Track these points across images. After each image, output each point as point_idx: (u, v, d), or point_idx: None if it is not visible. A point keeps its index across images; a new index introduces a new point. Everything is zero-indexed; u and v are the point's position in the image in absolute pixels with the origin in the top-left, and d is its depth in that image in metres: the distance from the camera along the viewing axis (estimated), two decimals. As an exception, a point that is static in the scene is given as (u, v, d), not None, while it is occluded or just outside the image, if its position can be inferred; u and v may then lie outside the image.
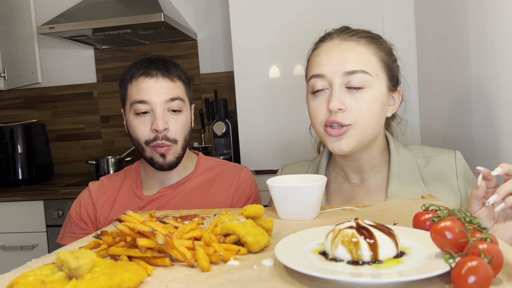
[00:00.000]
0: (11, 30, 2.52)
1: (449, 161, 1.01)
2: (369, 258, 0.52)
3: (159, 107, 1.11)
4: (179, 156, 1.16)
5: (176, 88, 1.15)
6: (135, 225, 0.58)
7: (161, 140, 1.12)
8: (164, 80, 1.13)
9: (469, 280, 0.42)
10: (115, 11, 2.15)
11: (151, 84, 1.12)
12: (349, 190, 1.06)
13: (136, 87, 1.13)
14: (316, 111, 0.97)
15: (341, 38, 0.98)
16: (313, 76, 0.97)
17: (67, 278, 0.49)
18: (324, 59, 0.97)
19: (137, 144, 1.16)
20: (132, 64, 1.18)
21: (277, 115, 1.96)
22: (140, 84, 1.12)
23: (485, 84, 1.17)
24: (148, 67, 1.14)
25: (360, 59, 0.95)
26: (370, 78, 0.94)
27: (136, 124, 1.13)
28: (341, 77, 0.94)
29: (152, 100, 1.11)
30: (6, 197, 2.15)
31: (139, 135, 1.13)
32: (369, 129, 0.96)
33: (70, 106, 2.73)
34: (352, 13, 1.86)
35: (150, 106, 1.12)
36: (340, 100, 0.93)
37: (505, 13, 1.04)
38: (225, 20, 2.50)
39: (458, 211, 0.57)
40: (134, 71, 1.14)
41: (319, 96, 0.97)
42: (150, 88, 1.11)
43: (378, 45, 0.99)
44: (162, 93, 1.12)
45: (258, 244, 0.61)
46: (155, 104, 1.11)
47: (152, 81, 1.12)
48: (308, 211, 0.79)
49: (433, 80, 1.70)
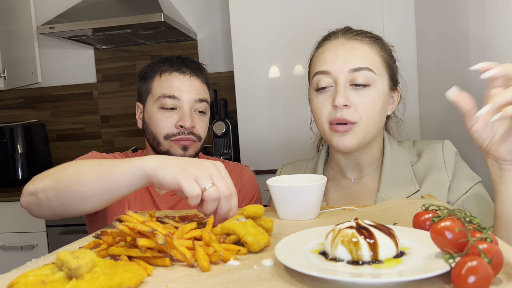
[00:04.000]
0: (11, 30, 2.52)
1: (437, 150, 1.02)
2: (369, 258, 0.52)
3: (188, 105, 1.12)
4: (196, 153, 1.17)
5: (204, 91, 1.17)
6: (135, 225, 0.58)
7: (187, 135, 1.12)
8: (196, 80, 1.15)
9: (469, 280, 0.42)
10: (115, 11, 2.14)
11: (184, 82, 1.13)
12: (347, 187, 1.07)
13: (167, 82, 1.13)
14: (320, 107, 0.98)
15: (346, 37, 1.00)
16: (318, 72, 0.98)
17: (67, 278, 0.49)
18: (330, 56, 0.98)
19: (153, 138, 1.15)
20: (161, 59, 1.18)
21: (277, 115, 1.96)
22: (172, 79, 1.13)
23: (485, 84, 1.16)
24: (183, 65, 1.15)
25: (365, 57, 0.96)
26: (374, 76, 0.96)
27: (160, 118, 1.12)
28: (346, 74, 0.95)
29: (182, 97, 1.12)
30: (6, 197, 2.15)
31: (160, 129, 1.12)
32: (372, 126, 0.97)
33: (70, 106, 2.73)
34: (353, 13, 1.86)
35: (179, 103, 1.12)
36: (345, 96, 0.94)
37: (505, 13, 1.04)
38: (225, 20, 2.50)
39: (458, 211, 0.57)
40: (166, 66, 1.14)
41: (323, 93, 0.98)
42: (182, 85, 1.12)
43: (380, 45, 1.01)
44: (193, 92, 1.13)
45: (258, 244, 0.61)
46: (184, 101, 1.12)
47: (185, 78, 1.13)
48: (308, 211, 0.79)
49: (433, 80, 1.70)
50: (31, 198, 0.84)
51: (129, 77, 2.65)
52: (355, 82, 0.95)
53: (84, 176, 0.78)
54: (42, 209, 0.84)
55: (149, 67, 1.18)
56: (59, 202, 0.81)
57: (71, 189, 0.79)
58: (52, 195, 0.81)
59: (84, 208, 0.81)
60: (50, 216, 0.86)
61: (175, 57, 1.18)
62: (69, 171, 0.81)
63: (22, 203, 0.86)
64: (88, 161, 0.82)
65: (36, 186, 0.83)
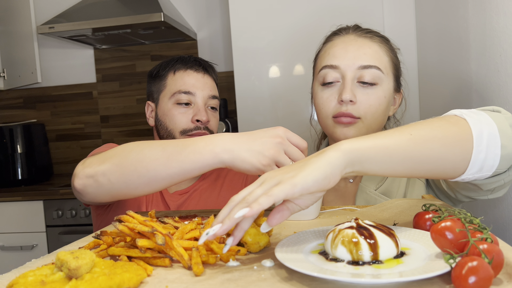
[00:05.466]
0: (11, 30, 2.51)
1: None
2: (369, 258, 0.52)
3: (202, 101, 1.17)
4: None
5: (215, 88, 1.23)
6: (135, 225, 0.58)
7: (202, 130, 1.15)
8: (209, 77, 1.20)
9: (470, 280, 0.42)
10: (115, 11, 2.14)
11: (198, 78, 1.18)
12: (343, 187, 1.07)
13: (181, 79, 1.17)
14: (326, 102, 0.98)
15: (357, 34, 1.00)
16: (326, 66, 0.98)
17: (66, 278, 0.49)
18: (339, 51, 0.98)
19: (168, 134, 1.17)
20: (173, 58, 1.23)
21: (277, 115, 1.95)
22: (187, 76, 1.17)
23: (485, 84, 1.16)
24: (197, 63, 1.20)
25: (374, 55, 0.97)
26: (382, 75, 0.97)
27: (176, 114, 1.16)
28: (354, 71, 0.96)
29: (197, 93, 1.16)
30: (5, 197, 2.15)
31: (178, 124, 1.15)
32: (375, 124, 0.98)
33: (70, 106, 2.72)
34: (353, 13, 1.86)
35: (194, 99, 1.16)
36: (352, 92, 0.95)
37: (505, 12, 1.03)
38: (225, 20, 2.50)
39: (459, 211, 0.57)
40: (180, 65, 1.19)
41: (329, 88, 0.98)
42: (196, 82, 1.17)
43: (389, 46, 1.02)
44: (206, 88, 1.18)
45: (258, 245, 0.61)
46: (199, 97, 1.16)
47: (199, 76, 1.18)
48: (308, 211, 0.79)
49: (433, 80, 1.70)
50: (89, 181, 0.83)
51: (129, 77, 2.65)
52: (362, 79, 0.95)
53: (150, 162, 0.78)
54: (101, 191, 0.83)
55: (161, 66, 1.22)
56: (124, 185, 0.81)
57: (138, 174, 0.79)
58: (115, 179, 0.80)
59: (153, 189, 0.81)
60: (108, 198, 0.86)
61: (187, 56, 1.23)
62: (131, 155, 0.80)
63: (78, 185, 0.84)
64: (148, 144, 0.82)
65: (95, 169, 0.82)
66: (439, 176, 0.66)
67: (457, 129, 0.63)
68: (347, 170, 0.58)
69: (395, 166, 0.60)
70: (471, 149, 0.63)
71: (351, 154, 0.57)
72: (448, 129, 0.63)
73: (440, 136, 0.62)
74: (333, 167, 0.55)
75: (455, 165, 0.64)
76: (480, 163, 0.64)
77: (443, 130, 0.63)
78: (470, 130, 0.63)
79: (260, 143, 0.73)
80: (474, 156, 0.63)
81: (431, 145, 0.61)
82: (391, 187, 0.99)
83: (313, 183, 0.53)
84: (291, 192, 0.53)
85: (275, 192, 0.52)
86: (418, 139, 0.61)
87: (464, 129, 0.63)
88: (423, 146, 0.61)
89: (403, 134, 0.61)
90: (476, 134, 0.63)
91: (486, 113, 0.67)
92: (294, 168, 0.56)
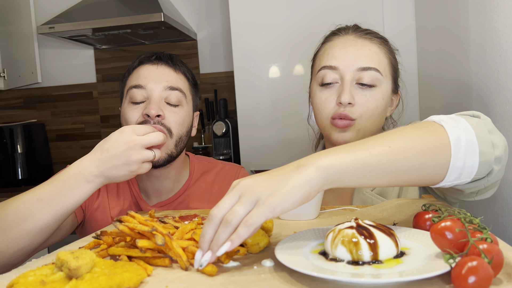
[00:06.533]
0: (11, 30, 2.51)
1: None
2: (369, 258, 0.52)
3: (156, 93, 1.02)
4: (171, 154, 1.03)
5: (178, 80, 1.06)
6: (135, 226, 0.58)
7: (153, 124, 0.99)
8: (165, 67, 1.06)
9: (469, 280, 0.42)
10: (115, 11, 2.14)
11: (151, 70, 1.05)
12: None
13: (136, 74, 1.06)
14: (324, 103, 0.98)
15: (356, 35, 1.00)
16: (325, 67, 0.98)
17: (67, 278, 0.49)
18: (339, 52, 0.98)
19: None
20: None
21: (277, 115, 1.95)
22: (140, 71, 1.06)
23: (485, 84, 1.16)
24: (154, 57, 1.08)
25: (374, 57, 0.97)
26: (380, 77, 0.96)
27: (128, 111, 1.03)
28: (353, 72, 0.96)
29: (149, 86, 1.02)
30: (6, 197, 2.14)
31: (128, 122, 1.03)
32: (372, 126, 0.98)
33: (70, 106, 2.72)
34: (353, 13, 1.86)
35: (147, 93, 1.02)
36: (351, 94, 0.95)
37: (505, 13, 1.03)
38: (225, 20, 2.50)
39: (458, 211, 0.57)
40: (137, 62, 1.09)
41: (328, 89, 0.98)
42: (149, 74, 1.04)
43: (388, 47, 1.02)
44: (162, 80, 1.03)
45: (257, 246, 0.61)
46: (151, 90, 1.02)
47: (153, 67, 1.05)
48: (308, 211, 0.79)
49: (433, 80, 1.70)
50: None
51: (129, 77, 2.65)
52: (361, 81, 0.95)
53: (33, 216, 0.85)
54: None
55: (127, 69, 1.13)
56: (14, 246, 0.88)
57: (26, 233, 0.85)
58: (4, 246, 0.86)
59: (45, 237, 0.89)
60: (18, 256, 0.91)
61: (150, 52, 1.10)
62: (8, 218, 0.86)
63: None
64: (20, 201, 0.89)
65: None
66: (418, 184, 0.66)
67: (435, 138, 0.63)
68: (325, 187, 0.58)
69: (374, 179, 0.61)
70: (449, 157, 0.62)
71: (330, 172, 0.57)
72: (426, 138, 0.63)
73: (418, 146, 0.62)
74: (311, 186, 0.55)
75: (434, 174, 0.64)
76: (458, 171, 0.63)
77: (421, 139, 0.62)
78: (448, 138, 0.63)
79: (119, 157, 0.83)
80: (452, 164, 0.63)
81: (410, 156, 0.61)
82: (387, 188, 0.99)
83: (292, 204, 0.54)
84: (271, 216, 0.53)
85: (255, 220, 0.52)
86: (397, 151, 0.60)
87: (442, 137, 0.63)
88: (402, 158, 0.60)
89: (382, 146, 0.60)
90: (453, 142, 0.63)
91: (465, 119, 0.67)
92: (273, 182, 0.55)
